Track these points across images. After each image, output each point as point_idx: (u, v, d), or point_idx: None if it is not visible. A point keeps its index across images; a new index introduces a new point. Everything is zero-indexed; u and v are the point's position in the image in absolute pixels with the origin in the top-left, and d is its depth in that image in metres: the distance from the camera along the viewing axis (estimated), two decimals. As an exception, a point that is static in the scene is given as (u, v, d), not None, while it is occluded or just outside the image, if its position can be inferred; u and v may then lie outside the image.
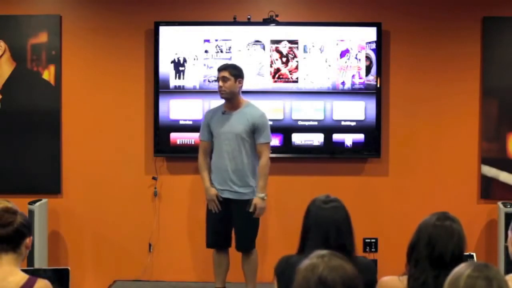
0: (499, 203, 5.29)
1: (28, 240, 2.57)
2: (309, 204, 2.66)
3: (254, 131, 4.64)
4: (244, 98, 4.77)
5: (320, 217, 2.57)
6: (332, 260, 1.79)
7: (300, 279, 1.77)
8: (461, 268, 1.86)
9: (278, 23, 5.36)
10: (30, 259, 4.98)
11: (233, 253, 4.86)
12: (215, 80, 4.89)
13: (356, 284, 1.78)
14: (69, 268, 3.76)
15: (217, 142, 4.69)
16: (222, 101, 4.77)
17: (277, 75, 5.38)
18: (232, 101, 4.68)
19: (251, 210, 4.61)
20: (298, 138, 5.41)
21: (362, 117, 5.39)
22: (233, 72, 4.66)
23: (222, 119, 4.68)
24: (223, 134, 4.65)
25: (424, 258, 2.51)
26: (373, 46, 5.36)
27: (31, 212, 5.07)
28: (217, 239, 4.75)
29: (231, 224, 4.72)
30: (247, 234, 4.70)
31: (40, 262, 5.08)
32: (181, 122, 5.40)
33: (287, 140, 5.40)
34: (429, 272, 2.49)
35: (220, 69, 4.71)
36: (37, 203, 5.20)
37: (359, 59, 5.37)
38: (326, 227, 2.55)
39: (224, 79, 4.63)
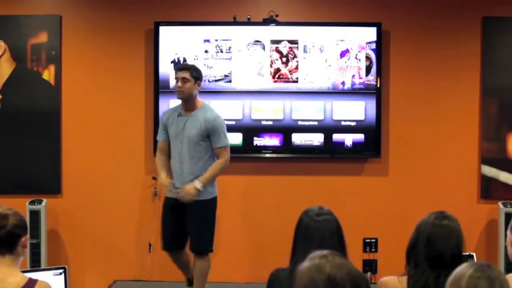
0: (499, 203, 5.30)
1: (24, 239, 2.56)
2: (301, 214, 2.61)
3: (208, 135, 4.52)
4: (201, 100, 4.66)
5: (309, 229, 2.53)
6: (336, 259, 1.78)
7: (305, 281, 1.76)
8: (463, 268, 1.86)
9: (278, 23, 5.36)
10: (37, 260, 4.99)
11: (228, 252, 4.86)
12: (176, 80, 4.61)
13: (361, 282, 1.78)
14: (66, 266, 3.76)
15: (172, 144, 4.61)
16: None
17: (277, 75, 5.38)
18: (188, 102, 4.56)
19: (179, 192, 4.48)
20: (298, 138, 5.41)
21: (362, 117, 5.39)
22: (194, 74, 4.55)
23: (178, 121, 4.58)
24: (177, 136, 4.57)
25: (424, 260, 2.51)
26: (373, 46, 5.36)
27: (36, 212, 5.09)
28: (173, 242, 4.64)
29: (185, 227, 4.59)
30: (200, 236, 4.56)
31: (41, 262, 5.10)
32: (181, 122, 5.39)
33: (287, 140, 5.40)
34: (429, 274, 2.49)
35: (181, 69, 4.60)
36: (42, 203, 5.23)
37: (359, 59, 5.37)
38: (311, 240, 2.49)
39: (184, 80, 4.51)
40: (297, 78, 5.38)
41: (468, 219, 5.08)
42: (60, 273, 3.74)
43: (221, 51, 5.37)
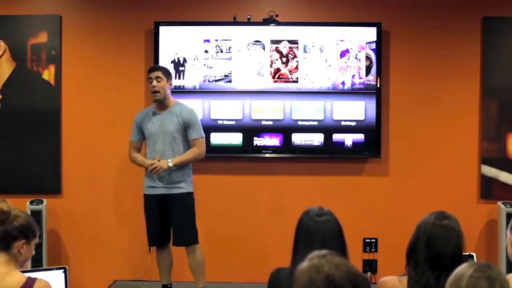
0: (499, 203, 5.30)
1: (20, 243, 2.55)
2: (302, 215, 2.61)
3: (185, 128, 4.70)
4: (174, 98, 4.82)
5: (310, 229, 2.52)
6: (335, 258, 1.79)
7: (304, 281, 1.76)
8: (463, 268, 1.86)
9: (278, 23, 5.36)
10: (37, 260, 4.99)
11: (228, 252, 4.86)
12: (149, 80, 4.78)
13: (360, 281, 1.78)
14: (66, 267, 3.76)
15: (150, 142, 4.75)
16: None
17: (277, 75, 5.38)
18: (163, 102, 4.73)
19: (153, 163, 4.62)
20: (298, 138, 5.41)
21: (362, 117, 5.39)
22: (165, 73, 4.75)
23: (154, 120, 4.74)
24: (155, 134, 4.71)
25: (424, 260, 2.51)
26: (373, 46, 5.36)
27: (37, 212, 5.09)
28: (157, 236, 4.77)
29: (168, 220, 4.73)
30: (183, 227, 4.68)
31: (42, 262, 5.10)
32: (181, 122, 5.40)
33: (287, 140, 5.40)
34: (429, 274, 2.49)
35: (152, 70, 4.78)
36: (43, 203, 5.23)
37: (359, 59, 5.37)
38: (313, 240, 2.48)
39: (158, 79, 4.69)
40: (297, 78, 5.38)
41: (468, 219, 5.07)
42: (61, 273, 3.75)
43: (221, 51, 5.37)
